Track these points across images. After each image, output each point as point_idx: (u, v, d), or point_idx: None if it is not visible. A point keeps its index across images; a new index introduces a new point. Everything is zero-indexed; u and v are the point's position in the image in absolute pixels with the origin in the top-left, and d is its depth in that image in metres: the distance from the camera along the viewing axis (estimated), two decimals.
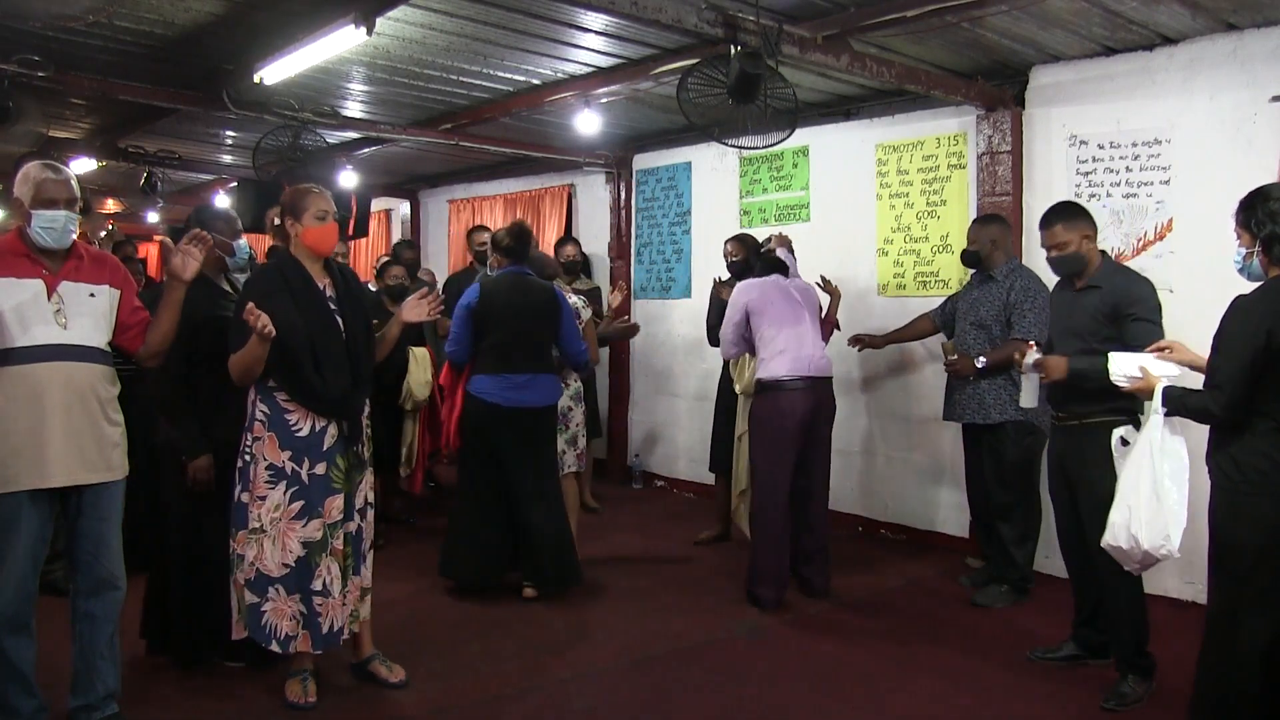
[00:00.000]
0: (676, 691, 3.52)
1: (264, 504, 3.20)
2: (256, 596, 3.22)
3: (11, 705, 2.86)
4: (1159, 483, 2.91)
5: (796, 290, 4.54)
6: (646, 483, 7.19)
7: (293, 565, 3.21)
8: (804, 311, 4.48)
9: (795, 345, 4.36)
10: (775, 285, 4.52)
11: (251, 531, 3.22)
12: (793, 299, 4.48)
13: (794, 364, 4.33)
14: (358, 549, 3.41)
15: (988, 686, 3.56)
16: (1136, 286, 3.43)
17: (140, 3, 4.10)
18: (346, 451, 3.32)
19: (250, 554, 3.22)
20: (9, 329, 2.76)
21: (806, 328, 4.44)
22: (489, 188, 8.74)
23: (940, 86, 4.74)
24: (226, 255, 3.61)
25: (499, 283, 4.42)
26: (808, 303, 4.54)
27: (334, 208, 3.40)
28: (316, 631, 3.25)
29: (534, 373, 4.36)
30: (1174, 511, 2.90)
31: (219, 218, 3.67)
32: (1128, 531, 2.95)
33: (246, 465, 3.25)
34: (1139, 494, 2.95)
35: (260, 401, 3.25)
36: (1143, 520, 2.91)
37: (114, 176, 8.39)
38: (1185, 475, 2.93)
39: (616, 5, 3.50)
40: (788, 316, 4.42)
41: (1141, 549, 2.93)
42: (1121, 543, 2.98)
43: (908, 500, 5.64)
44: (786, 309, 4.44)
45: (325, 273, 3.38)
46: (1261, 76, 4.17)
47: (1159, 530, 2.89)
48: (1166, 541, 2.89)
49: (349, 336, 3.32)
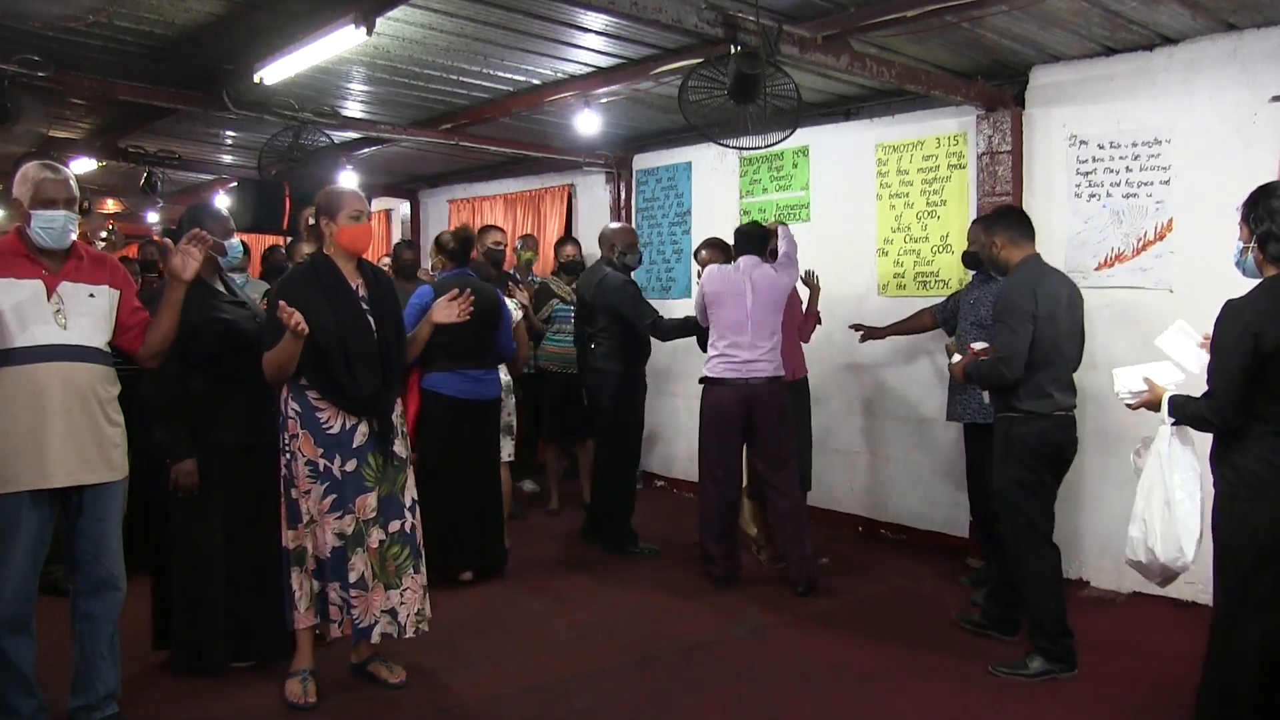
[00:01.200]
0: (676, 691, 3.52)
1: (309, 497, 3.29)
2: (320, 581, 3.33)
3: (11, 705, 2.86)
4: (1170, 494, 2.91)
5: (758, 282, 4.59)
6: (646, 483, 7.19)
7: (330, 555, 3.29)
8: (751, 312, 4.56)
9: (732, 349, 4.59)
10: (735, 276, 4.63)
11: (307, 525, 3.30)
12: (743, 296, 4.57)
13: (725, 367, 4.61)
14: (413, 546, 3.47)
15: (988, 686, 3.55)
16: (1007, 293, 3.70)
17: (140, 3, 4.09)
18: (379, 450, 3.35)
19: (310, 545, 3.31)
20: (9, 329, 2.77)
21: (746, 334, 4.56)
22: (489, 188, 8.74)
23: (940, 86, 4.74)
24: (218, 255, 3.60)
25: (449, 284, 4.49)
26: (765, 299, 4.59)
27: (368, 208, 3.43)
28: (355, 624, 3.32)
29: (485, 368, 4.73)
30: (1185, 522, 2.90)
31: (211, 217, 3.66)
32: (1145, 546, 2.95)
33: (290, 462, 3.32)
34: (1152, 508, 2.96)
35: (292, 399, 3.30)
36: (1158, 534, 2.92)
37: (114, 176, 8.39)
38: (1197, 484, 2.93)
39: (616, 5, 3.50)
40: (730, 318, 4.58)
41: (1160, 563, 2.94)
42: (1141, 557, 2.99)
43: (908, 500, 5.64)
44: (733, 308, 4.57)
45: (358, 273, 3.43)
46: (1261, 76, 4.17)
47: (1172, 543, 2.90)
48: (1180, 554, 2.89)
49: (380, 336, 3.36)
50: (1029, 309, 3.57)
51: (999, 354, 3.60)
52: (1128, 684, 3.56)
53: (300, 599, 3.34)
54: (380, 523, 3.37)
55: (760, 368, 4.58)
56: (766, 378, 4.59)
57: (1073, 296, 3.76)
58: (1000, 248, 3.79)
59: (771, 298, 4.62)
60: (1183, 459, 2.94)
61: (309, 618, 3.35)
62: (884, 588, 4.77)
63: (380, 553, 3.37)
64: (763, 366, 4.58)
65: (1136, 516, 3.03)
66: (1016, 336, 3.57)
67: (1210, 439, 2.84)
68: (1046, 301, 3.61)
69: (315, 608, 3.35)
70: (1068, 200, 4.82)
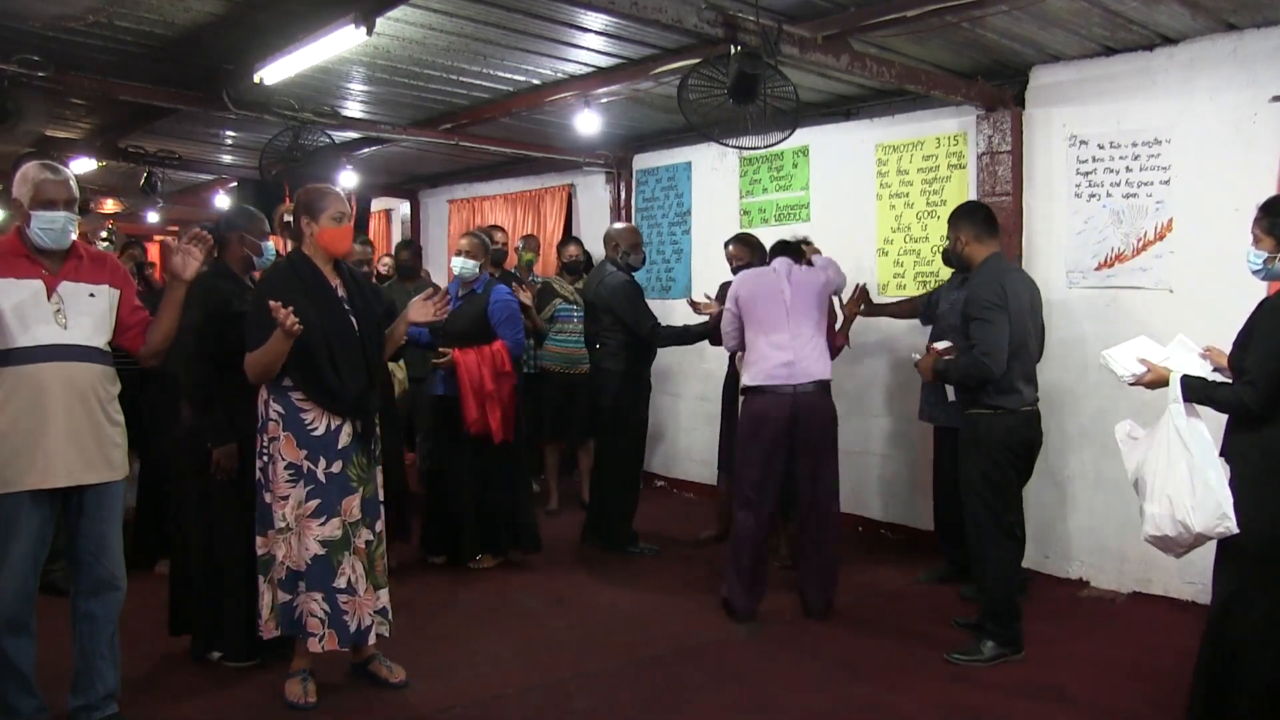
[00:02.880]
0: (676, 691, 3.52)
1: (286, 503, 3.24)
2: (288, 594, 3.27)
3: (11, 705, 2.86)
4: (1195, 466, 2.93)
5: (796, 278, 4.27)
6: (647, 483, 7.17)
7: (311, 563, 3.24)
8: (791, 307, 4.19)
9: (772, 350, 4.15)
10: (770, 279, 4.30)
11: (279, 531, 3.26)
12: (780, 300, 4.21)
13: (767, 373, 4.14)
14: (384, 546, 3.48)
15: (989, 686, 3.56)
16: (978, 290, 3.71)
17: (140, 3, 4.09)
18: (362, 450, 3.35)
19: (280, 553, 3.26)
20: (9, 329, 2.77)
21: (784, 335, 4.16)
22: (489, 188, 8.74)
23: (940, 86, 4.74)
24: (255, 255, 3.70)
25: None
26: (805, 294, 4.24)
27: (350, 209, 3.43)
28: (344, 630, 3.28)
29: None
30: (1221, 491, 2.91)
31: (249, 218, 3.75)
32: (1173, 520, 2.94)
33: (266, 466, 3.28)
34: (1175, 482, 2.96)
35: (274, 401, 3.26)
36: (1189, 506, 2.92)
37: (114, 176, 8.40)
38: (1216, 456, 2.96)
39: (616, 5, 3.49)
40: (767, 321, 4.20)
41: (1194, 532, 2.93)
42: (1168, 532, 2.97)
43: (907, 500, 5.64)
44: (769, 312, 4.21)
45: (336, 273, 3.41)
46: (1261, 76, 4.17)
47: (1210, 511, 2.89)
48: (1223, 520, 2.89)
49: (362, 336, 3.35)
50: (999, 302, 3.65)
51: (981, 349, 3.62)
52: (1129, 684, 3.56)
53: (263, 607, 3.31)
54: (366, 523, 3.36)
55: (806, 370, 4.12)
56: (814, 382, 4.13)
57: (1034, 295, 3.93)
58: (965, 244, 3.84)
59: (812, 292, 4.26)
60: (1199, 434, 2.97)
61: (270, 628, 3.31)
62: (883, 588, 4.77)
63: (369, 553, 3.36)
64: (808, 368, 4.13)
65: (1156, 493, 3.01)
66: (995, 329, 3.62)
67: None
68: (1014, 297, 3.71)
69: (279, 620, 3.29)
70: (1068, 200, 4.82)
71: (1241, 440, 2.82)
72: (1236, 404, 2.83)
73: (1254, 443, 2.78)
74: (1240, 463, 2.81)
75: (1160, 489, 3.02)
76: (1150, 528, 3.04)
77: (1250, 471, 2.78)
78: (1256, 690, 2.75)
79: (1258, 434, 2.77)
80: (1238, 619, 2.80)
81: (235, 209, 3.88)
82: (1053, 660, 3.77)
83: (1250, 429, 2.80)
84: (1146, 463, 3.07)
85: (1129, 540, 4.52)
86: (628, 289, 5.20)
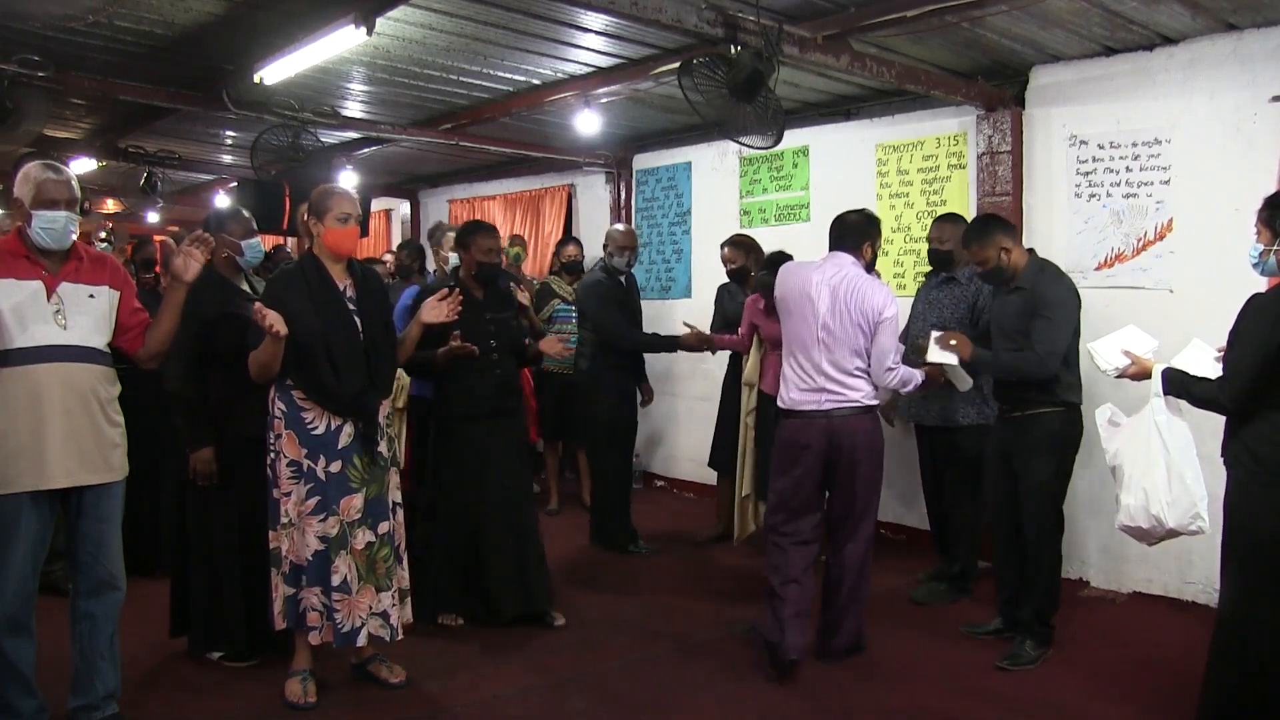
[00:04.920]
0: (676, 691, 3.52)
1: (289, 499, 3.28)
2: (292, 588, 3.31)
3: (11, 705, 2.86)
4: (1172, 463, 2.97)
5: (839, 287, 3.58)
6: (647, 483, 7.19)
7: (311, 559, 3.27)
8: (823, 321, 3.57)
9: (796, 373, 3.65)
10: (808, 273, 3.67)
11: (283, 526, 3.29)
12: (812, 302, 3.59)
13: (795, 393, 3.65)
14: (394, 548, 3.45)
15: (989, 686, 3.56)
16: (1051, 289, 3.67)
17: (140, 3, 4.10)
18: (364, 451, 3.34)
19: (285, 547, 3.30)
20: (8, 329, 2.77)
21: (813, 353, 3.59)
22: (489, 188, 8.74)
23: (940, 86, 4.74)
24: (236, 255, 3.66)
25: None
26: (844, 310, 3.56)
27: (358, 211, 3.43)
28: (336, 629, 3.29)
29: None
30: (1197, 489, 2.96)
31: (232, 218, 3.74)
32: (1147, 513, 3.01)
33: (273, 462, 3.32)
34: (1152, 477, 3.01)
35: (278, 399, 3.30)
36: (1164, 502, 2.97)
37: (114, 176, 8.39)
38: (1194, 454, 3.01)
39: (616, 5, 3.49)
40: (795, 336, 3.66)
41: (1165, 527, 3.00)
42: (1141, 523, 3.05)
43: (907, 501, 5.63)
44: (799, 326, 3.64)
45: (346, 273, 3.42)
46: (1261, 76, 4.17)
47: (1185, 510, 2.95)
48: (1196, 519, 2.95)
49: (367, 337, 3.35)
50: (1074, 302, 3.68)
51: (1046, 347, 3.58)
52: (1129, 684, 3.56)
53: (275, 600, 3.34)
54: (369, 524, 3.35)
55: (840, 395, 3.57)
56: (853, 407, 3.58)
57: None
58: (1010, 251, 3.75)
59: (855, 309, 3.55)
60: (1181, 429, 3.01)
61: (280, 620, 3.33)
62: (882, 587, 4.76)
63: (370, 555, 3.35)
64: (843, 394, 3.57)
65: (1131, 484, 3.09)
66: (1061, 330, 3.62)
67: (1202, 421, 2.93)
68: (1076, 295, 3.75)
69: (286, 613, 3.32)
70: (1068, 200, 4.82)
71: (1235, 444, 2.81)
72: (1212, 399, 2.84)
73: (1244, 446, 2.76)
74: (1236, 467, 2.80)
75: (1137, 481, 3.07)
76: (1124, 518, 3.11)
77: (1244, 476, 2.77)
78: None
79: (1247, 437, 2.76)
80: (1254, 631, 2.72)
81: (218, 209, 3.86)
82: (1053, 660, 3.76)
83: (1241, 432, 2.79)
84: (1124, 452, 3.10)
85: (1129, 540, 4.47)
86: (598, 289, 5.21)
